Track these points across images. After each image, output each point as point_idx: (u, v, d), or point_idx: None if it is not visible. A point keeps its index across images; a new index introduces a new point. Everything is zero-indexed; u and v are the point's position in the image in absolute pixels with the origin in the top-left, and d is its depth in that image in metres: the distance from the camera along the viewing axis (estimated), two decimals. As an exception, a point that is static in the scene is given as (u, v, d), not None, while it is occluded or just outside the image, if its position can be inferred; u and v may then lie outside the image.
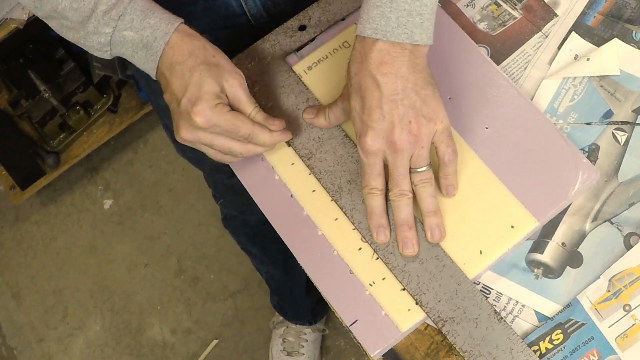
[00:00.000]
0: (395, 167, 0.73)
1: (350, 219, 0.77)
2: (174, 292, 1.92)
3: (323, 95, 0.84)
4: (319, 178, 0.80)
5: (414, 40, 0.71)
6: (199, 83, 0.74)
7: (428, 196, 0.75)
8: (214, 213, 1.96)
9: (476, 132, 0.80)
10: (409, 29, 0.70)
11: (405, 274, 0.74)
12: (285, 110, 0.84)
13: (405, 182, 0.74)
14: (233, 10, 0.94)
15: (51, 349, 1.92)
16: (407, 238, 0.74)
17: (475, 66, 0.83)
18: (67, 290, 1.98)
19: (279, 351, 1.73)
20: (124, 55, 0.78)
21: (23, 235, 2.06)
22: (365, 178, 0.75)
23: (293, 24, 0.88)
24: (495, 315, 0.71)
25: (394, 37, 0.70)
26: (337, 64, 0.86)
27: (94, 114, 2.01)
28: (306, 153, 0.81)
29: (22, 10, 1.59)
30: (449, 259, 0.74)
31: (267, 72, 0.86)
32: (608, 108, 0.82)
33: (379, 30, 0.70)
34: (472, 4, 0.89)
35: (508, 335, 0.70)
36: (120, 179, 2.09)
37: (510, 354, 0.70)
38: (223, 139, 0.76)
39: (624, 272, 0.73)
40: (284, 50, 0.87)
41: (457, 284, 0.73)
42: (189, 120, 0.74)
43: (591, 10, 0.87)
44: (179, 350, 1.85)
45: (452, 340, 0.71)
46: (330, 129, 0.82)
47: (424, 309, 0.72)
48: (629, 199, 0.77)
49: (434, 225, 0.75)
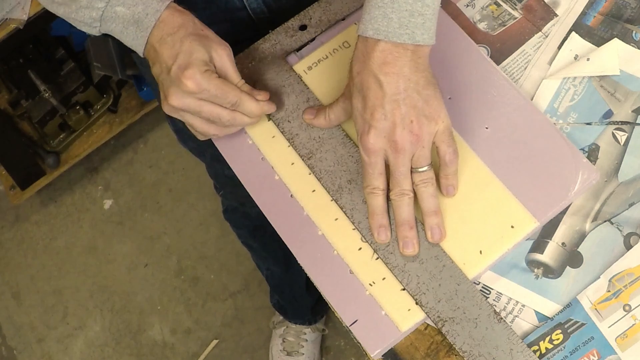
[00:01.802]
0: (396, 166, 0.73)
1: (351, 219, 0.77)
2: (174, 292, 1.92)
3: (323, 95, 0.84)
4: (319, 178, 0.80)
5: (415, 41, 0.71)
6: (189, 51, 0.76)
7: (429, 196, 0.75)
8: (214, 213, 1.96)
9: (476, 132, 0.80)
10: (411, 29, 0.71)
11: (405, 273, 0.74)
12: (286, 110, 0.84)
13: (406, 182, 0.74)
14: (233, 4, 0.94)
15: (51, 349, 1.92)
16: (408, 238, 0.74)
17: (475, 66, 0.83)
18: (67, 290, 1.98)
19: (279, 351, 1.73)
20: (112, 32, 0.79)
21: (23, 235, 2.06)
22: (367, 177, 0.75)
23: (294, 23, 0.88)
24: (495, 316, 0.71)
25: (395, 37, 0.71)
26: (337, 64, 0.86)
27: (94, 114, 2.02)
28: (306, 153, 0.81)
29: (22, 10, 1.59)
30: (449, 259, 0.74)
31: (267, 71, 0.86)
32: (608, 108, 0.82)
33: (381, 30, 0.71)
34: (472, 4, 0.89)
35: (508, 335, 0.70)
36: (120, 179, 2.09)
37: (510, 354, 0.70)
38: (211, 105, 0.77)
39: (624, 272, 0.73)
40: (285, 50, 0.87)
41: (457, 284, 0.73)
42: (179, 86, 0.75)
43: (591, 10, 0.87)
44: (179, 350, 1.85)
45: (452, 341, 0.71)
46: (331, 128, 0.82)
47: (423, 309, 0.72)
48: (629, 199, 0.77)
49: (434, 225, 0.75)
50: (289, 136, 0.82)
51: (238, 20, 0.95)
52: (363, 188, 0.76)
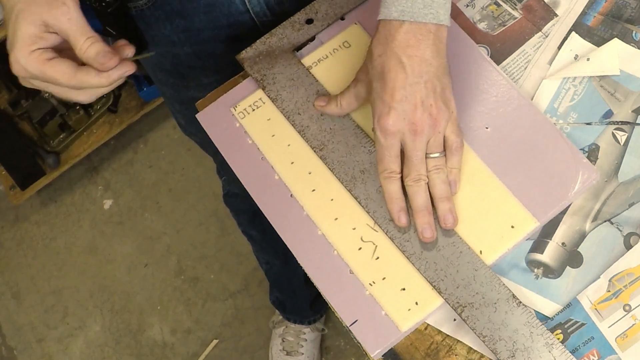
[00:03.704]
0: (414, 149, 0.74)
1: (365, 208, 0.77)
2: (174, 292, 1.92)
3: (333, 86, 0.84)
4: (332, 168, 0.80)
5: (439, 20, 0.72)
6: (14, 27, 0.67)
7: (441, 182, 0.75)
8: (214, 213, 1.96)
9: (476, 132, 0.80)
10: (435, 9, 0.71)
11: (423, 261, 0.74)
12: (296, 103, 0.84)
13: (422, 167, 0.74)
14: (236, 8, 0.94)
15: (51, 349, 1.92)
16: (428, 223, 0.75)
17: (475, 66, 0.83)
18: (67, 290, 1.98)
19: (279, 351, 1.73)
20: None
21: (23, 235, 2.07)
22: (384, 161, 0.75)
23: (300, 17, 0.88)
24: (513, 299, 0.71)
25: (420, 17, 0.71)
26: (337, 64, 0.86)
27: (94, 114, 2.02)
28: (318, 144, 0.81)
29: (22, 10, 1.59)
30: (466, 245, 0.74)
31: (275, 65, 0.86)
32: (608, 108, 0.82)
33: (406, 11, 0.71)
34: (472, 4, 0.89)
35: (527, 318, 0.70)
36: (120, 179, 2.09)
37: (530, 338, 0.70)
38: (53, 87, 0.69)
39: (624, 272, 0.73)
40: (292, 44, 0.87)
41: (474, 270, 0.73)
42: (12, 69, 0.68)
43: (591, 10, 0.87)
44: (179, 350, 1.85)
45: (472, 326, 0.71)
46: (342, 120, 0.82)
47: (442, 295, 0.72)
48: (629, 199, 0.77)
49: (446, 210, 0.75)
50: (300, 128, 0.82)
51: (241, 24, 0.95)
52: (379, 173, 0.76)
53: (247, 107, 0.85)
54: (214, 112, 0.87)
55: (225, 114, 0.86)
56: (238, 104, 0.86)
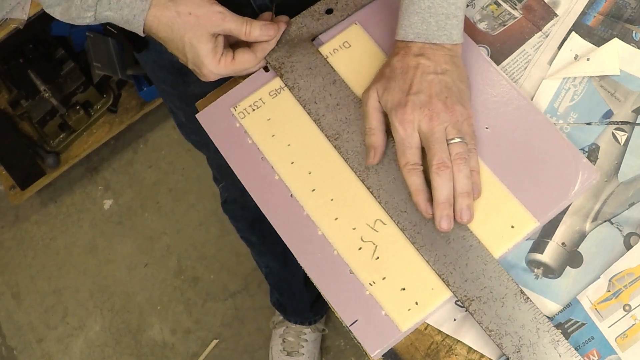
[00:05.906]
0: (432, 132, 0.75)
1: (377, 199, 0.78)
2: (174, 292, 1.92)
3: (349, 76, 0.85)
4: (346, 158, 0.80)
5: (453, 40, 0.78)
6: (193, 51, 0.81)
7: (463, 177, 0.75)
8: (214, 213, 1.96)
9: (476, 132, 0.80)
10: (448, 30, 0.78)
11: (432, 252, 0.74)
12: (313, 92, 0.84)
13: (444, 152, 0.75)
14: (238, 1, 0.94)
15: (51, 349, 1.92)
16: (448, 215, 0.75)
17: (475, 66, 0.83)
18: (67, 290, 1.98)
19: (279, 351, 1.73)
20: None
21: (23, 235, 2.06)
22: (405, 153, 0.76)
23: (320, 7, 0.89)
24: (521, 295, 0.71)
25: (435, 39, 0.78)
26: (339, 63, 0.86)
27: (94, 114, 2.02)
28: (333, 134, 0.81)
29: (22, 10, 1.59)
30: (476, 239, 0.74)
31: (294, 53, 0.86)
32: (608, 108, 0.82)
33: (421, 34, 0.78)
34: (472, 4, 0.89)
35: (534, 314, 0.71)
36: (120, 179, 2.09)
37: (536, 333, 0.70)
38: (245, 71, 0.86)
39: (624, 272, 0.73)
40: (311, 33, 0.88)
41: (484, 264, 0.73)
42: (204, 79, 0.84)
43: (591, 10, 0.87)
44: (179, 350, 1.85)
45: (479, 320, 0.71)
46: (358, 109, 0.82)
47: (450, 288, 0.73)
48: (629, 199, 0.77)
49: (465, 206, 0.75)
50: (316, 117, 0.83)
51: None
52: (401, 168, 0.76)
53: (247, 107, 0.85)
54: (214, 112, 0.87)
55: (225, 114, 0.86)
56: (238, 104, 0.86)
